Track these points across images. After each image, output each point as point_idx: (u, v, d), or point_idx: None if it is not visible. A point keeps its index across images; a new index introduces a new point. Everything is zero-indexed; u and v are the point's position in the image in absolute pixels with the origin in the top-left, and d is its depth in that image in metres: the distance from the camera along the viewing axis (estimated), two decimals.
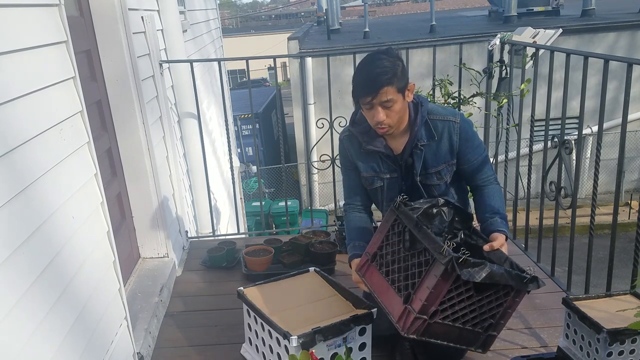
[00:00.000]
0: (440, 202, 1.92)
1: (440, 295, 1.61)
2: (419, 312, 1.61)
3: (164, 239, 2.57)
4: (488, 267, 1.59)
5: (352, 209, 2.13)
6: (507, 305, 1.72)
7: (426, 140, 1.94)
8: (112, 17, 2.22)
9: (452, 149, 1.96)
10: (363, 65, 1.86)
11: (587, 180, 8.83)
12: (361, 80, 1.84)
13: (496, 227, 1.89)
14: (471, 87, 3.05)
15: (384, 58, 1.83)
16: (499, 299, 1.70)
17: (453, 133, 1.94)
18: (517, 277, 1.65)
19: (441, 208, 1.92)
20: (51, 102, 1.48)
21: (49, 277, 1.37)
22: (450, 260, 1.55)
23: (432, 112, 1.96)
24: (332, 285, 1.99)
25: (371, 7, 29.30)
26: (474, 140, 1.98)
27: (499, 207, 1.97)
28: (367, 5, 11.83)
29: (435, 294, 1.60)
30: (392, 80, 1.79)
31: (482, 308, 1.69)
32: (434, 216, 1.91)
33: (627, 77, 1.93)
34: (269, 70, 25.35)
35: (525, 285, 1.67)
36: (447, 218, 1.92)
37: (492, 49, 3.09)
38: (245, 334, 1.98)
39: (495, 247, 1.81)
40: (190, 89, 3.09)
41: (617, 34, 9.27)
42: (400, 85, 1.82)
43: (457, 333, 1.71)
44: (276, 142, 13.13)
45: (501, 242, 1.82)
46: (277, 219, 8.74)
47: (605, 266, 2.15)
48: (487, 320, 1.72)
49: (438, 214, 1.91)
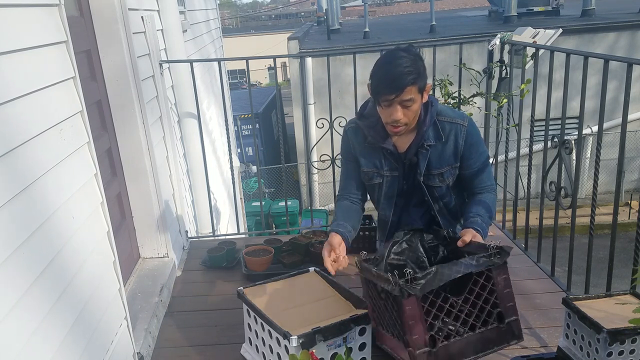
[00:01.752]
0: (402, 236, 1.92)
1: (421, 322, 1.60)
2: (418, 349, 1.61)
3: (164, 239, 2.57)
4: (435, 269, 1.59)
5: (345, 199, 2.10)
6: (500, 287, 1.70)
7: (433, 141, 1.93)
8: (112, 17, 2.22)
9: (456, 152, 1.95)
10: (386, 62, 1.83)
11: (587, 180, 8.83)
12: (384, 78, 1.80)
13: (469, 225, 1.88)
14: (471, 87, 3.05)
15: (406, 56, 1.81)
16: (484, 287, 1.68)
17: (459, 136, 1.93)
18: (480, 259, 1.64)
19: (404, 240, 1.91)
20: (51, 102, 1.48)
21: (49, 277, 1.37)
22: (400, 288, 1.55)
23: (441, 114, 1.95)
24: (332, 285, 1.99)
25: (371, 7, 29.30)
26: (478, 146, 1.97)
27: (485, 209, 1.96)
28: (367, 5, 11.83)
29: (417, 324, 1.60)
30: (415, 80, 1.78)
31: (475, 305, 1.68)
32: (403, 251, 1.91)
33: (627, 77, 1.93)
34: (269, 70, 25.37)
35: (496, 260, 1.65)
36: (415, 244, 1.91)
37: (492, 49, 3.09)
38: (245, 334, 1.98)
39: (467, 241, 1.80)
40: (190, 89, 3.09)
41: (617, 34, 9.27)
42: (422, 85, 1.81)
43: (475, 341, 1.69)
44: (276, 142, 13.13)
45: (470, 234, 1.81)
46: (277, 219, 8.75)
47: (605, 266, 2.15)
48: (493, 313, 1.70)
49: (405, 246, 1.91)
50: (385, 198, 2.05)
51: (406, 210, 2.07)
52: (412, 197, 2.04)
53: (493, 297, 1.69)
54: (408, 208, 2.06)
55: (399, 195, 2.04)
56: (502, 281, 1.70)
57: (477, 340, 1.69)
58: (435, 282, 1.58)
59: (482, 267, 1.64)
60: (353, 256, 2.84)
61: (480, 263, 1.64)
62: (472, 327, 1.69)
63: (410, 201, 2.05)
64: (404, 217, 2.07)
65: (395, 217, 2.07)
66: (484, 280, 1.68)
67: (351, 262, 2.00)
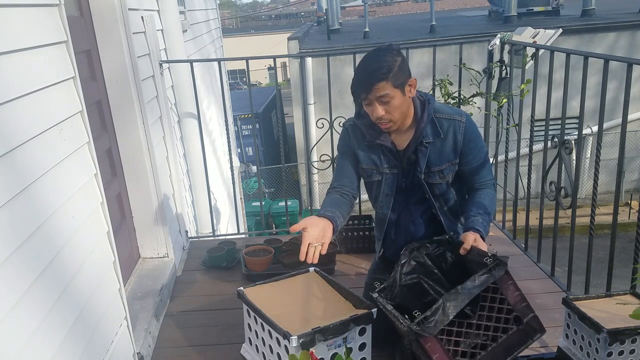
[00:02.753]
0: (408, 254, 1.89)
1: (444, 352, 1.61)
2: None
3: (164, 239, 2.57)
4: (441, 302, 1.58)
5: (335, 192, 2.03)
6: (509, 293, 1.68)
7: (431, 138, 1.94)
8: (112, 17, 2.22)
9: (455, 148, 1.95)
10: (361, 62, 1.88)
11: (587, 180, 8.83)
12: (357, 77, 1.86)
13: (470, 225, 1.87)
14: (471, 87, 3.05)
15: (382, 54, 1.83)
16: (494, 299, 1.68)
17: (458, 132, 1.93)
18: (481, 277, 1.63)
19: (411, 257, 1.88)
20: (51, 102, 1.48)
21: (49, 277, 1.37)
22: (413, 333, 1.55)
23: (439, 111, 1.96)
24: (332, 285, 1.99)
25: (371, 7, 29.30)
26: (477, 142, 1.98)
27: (486, 205, 1.95)
28: (367, 5, 11.83)
29: (440, 355, 1.60)
30: (386, 76, 1.79)
31: (491, 319, 1.67)
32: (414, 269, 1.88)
33: (627, 77, 1.93)
34: (269, 70, 25.37)
35: (496, 274, 1.64)
36: (423, 259, 1.88)
37: (492, 49, 3.09)
38: (245, 334, 1.98)
39: (468, 248, 1.78)
40: (190, 89, 3.09)
41: (617, 34, 9.27)
42: (398, 81, 1.82)
43: (500, 351, 1.68)
44: (276, 142, 13.13)
45: (470, 239, 1.79)
46: (277, 219, 8.75)
47: (605, 266, 2.15)
48: (510, 319, 1.69)
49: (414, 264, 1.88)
50: (384, 196, 2.04)
51: (406, 208, 2.06)
52: (411, 195, 2.04)
53: (505, 305, 1.69)
54: (408, 206, 2.06)
55: (397, 193, 2.04)
56: (510, 287, 1.69)
57: (501, 349, 1.69)
58: (446, 318, 1.58)
59: (486, 285, 1.64)
60: (357, 256, 2.87)
61: (482, 282, 1.63)
62: (493, 338, 1.68)
63: (410, 199, 2.05)
64: (402, 215, 2.06)
65: (393, 215, 2.07)
66: (492, 293, 1.68)
67: (354, 262, 1.99)
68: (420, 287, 1.82)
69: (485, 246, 1.80)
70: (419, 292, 1.82)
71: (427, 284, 1.83)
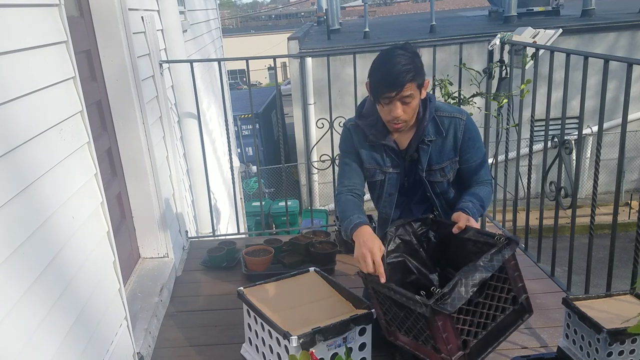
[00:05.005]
0: (394, 232, 1.89)
1: (453, 330, 1.60)
2: (456, 355, 1.61)
3: (164, 239, 2.57)
4: (457, 280, 1.57)
5: (347, 193, 2.04)
6: (511, 272, 1.69)
7: (433, 136, 1.95)
8: (112, 17, 2.22)
9: (455, 146, 1.97)
10: (383, 61, 1.84)
11: (587, 180, 8.83)
12: (383, 76, 1.82)
13: (460, 207, 1.88)
14: (471, 87, 3.05)
15: (404, 54, 1.82)
16: (499, 278, 1.68)
17: (458, 130, 1.95)
18: (494, 257, 1.63)
19: (397, 235, 1.89)
20: (51, 102, 1.48)
21: (50, 277, 1.37)
22: (431, 309, 1.55)
23: (440, 109, 1.97)
24: (332, 285, 1.99)
25: (371, 7, 29.32)
26: (476, 141, 1.99)
27: (480, 196, 1.96)
28: (367, 5, 11.84)
29: (450, 335, 1.60)
30: (414, 77, 1.80)
31: (494, 298, 1.68)
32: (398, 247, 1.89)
33: (627, 77, 1.93)
34: (269, 70, 25.37)
35: (508, 253, 1.65)
36: (408, 236, 1.90)
37: (492, 49, 3.09)
38: (245, 334, 1.98)
39: (462, 227, 1.80)
40: (190, 89, 3.09)
41: (617, 34, 9.27)
42: (420, 82, 1.84)
43: (496, 329, 1.70)
44: (276, 142, 13.13)
45: (463, 218, 1.81)
46: (277, 219, 8.74)
47: (605, 266, 2.15)
48: (509, 298, 1.70)
49: (399, 242, 1.90)
50: (387, 195, 2.05)
51: (407, 207, 2.07)
52: (413, 194, 2.05)
53: (507, 285, 1.71)
54: (410, 205, 2.07)
55: (400, 192, 2.05)
56: (513, 266, 1.71)
57: (497, 328, 1.70)
58: (464, 296, 1.57)
59: (499, 264, 1.64)
60: (350, 256, 2.87)
61: (497, 260, 1.64)
62: (493, 317, 1.69)
63: (412, 198, 2.06)
64: (405, 214, 2.07)
65: (396, 214, 2.07)
66: (497, 271, 1.68)
67: (354, 262, 1.98)
68: (404, 265, 1.83)
69: (478, 226, 1.83)
70: (402, 271, 1.83)
71: (411, 263, 1.84)
